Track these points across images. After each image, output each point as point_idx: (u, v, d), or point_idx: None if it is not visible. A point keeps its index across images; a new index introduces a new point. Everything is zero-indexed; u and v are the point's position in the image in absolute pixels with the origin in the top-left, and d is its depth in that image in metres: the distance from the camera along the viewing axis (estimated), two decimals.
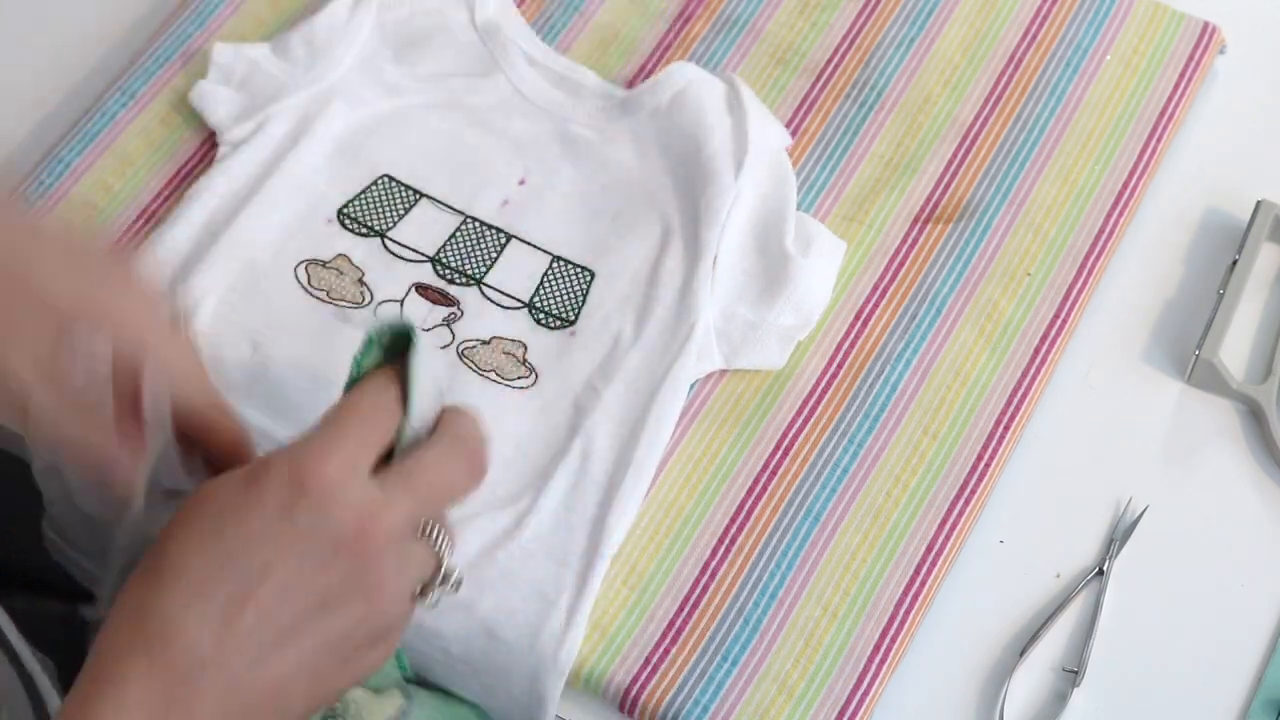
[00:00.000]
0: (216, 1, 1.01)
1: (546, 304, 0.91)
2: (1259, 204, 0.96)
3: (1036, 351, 0.92)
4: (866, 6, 1.02)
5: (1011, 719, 0.84)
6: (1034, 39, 1.01)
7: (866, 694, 0.83)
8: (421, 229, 0.93)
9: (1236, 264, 0.94)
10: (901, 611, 0.85)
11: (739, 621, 0.84)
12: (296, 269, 0.92)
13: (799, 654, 0.84)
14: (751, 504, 0.87)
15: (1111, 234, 0.95)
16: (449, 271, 0.92)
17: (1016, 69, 1.00)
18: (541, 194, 0.94)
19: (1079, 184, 0.97)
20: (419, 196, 0.94)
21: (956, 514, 0.87)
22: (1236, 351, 0.93)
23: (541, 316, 0.91)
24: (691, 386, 0.90)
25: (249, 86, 0.96)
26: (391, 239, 0.93)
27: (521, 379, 0.89)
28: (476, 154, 0.95)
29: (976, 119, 0.99)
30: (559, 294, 0.91)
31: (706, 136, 0.93)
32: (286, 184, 0.93)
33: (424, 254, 0.92)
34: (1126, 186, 0.97)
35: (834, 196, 0.96)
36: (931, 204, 0.96)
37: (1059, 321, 0.93)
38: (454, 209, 0.94)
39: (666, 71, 0.96)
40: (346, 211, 0.93)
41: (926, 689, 0.85)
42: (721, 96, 0.95)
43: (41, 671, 0.87)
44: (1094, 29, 1.01)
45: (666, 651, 0.83)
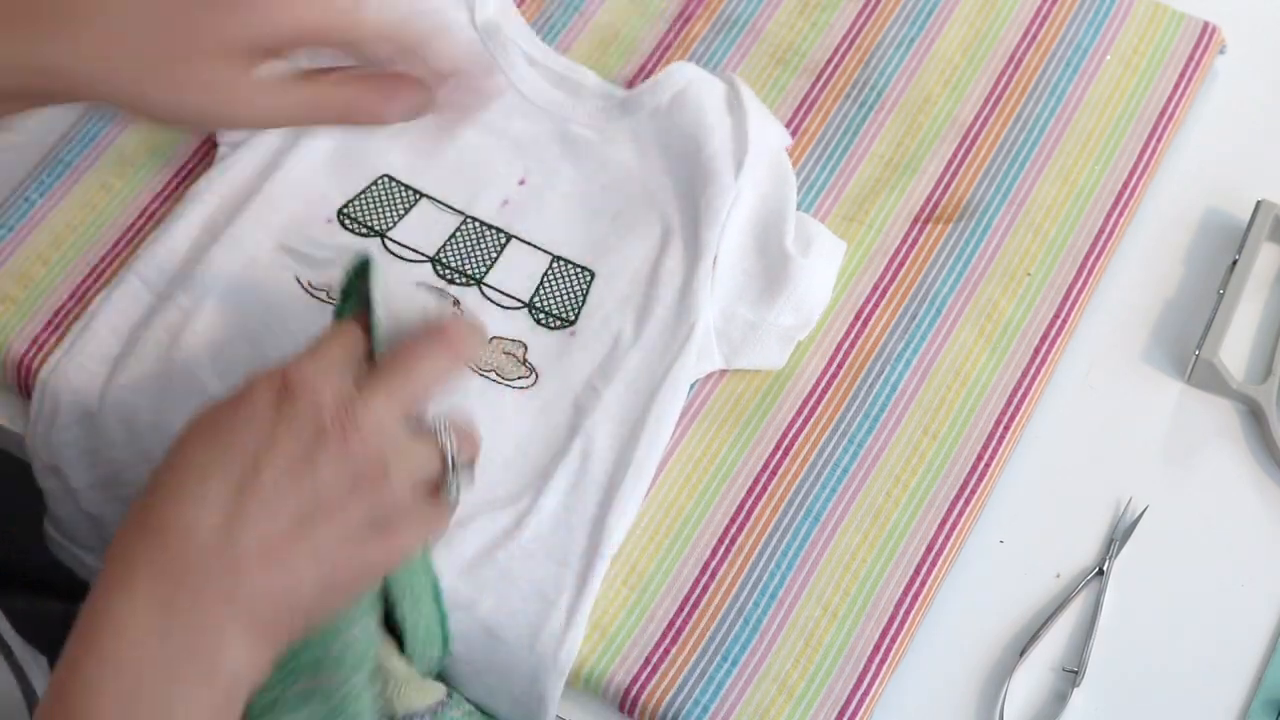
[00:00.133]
0: None
1: (546, 304, 0.91)
2: (1259, 204, 0.96)
3: (1036, 351, 0.92)
4: (866, 6, 1.02)
5: (1011, 719, 0.84)
6: (1034, 39, 1.01)
7: (866, 694, 0.83)
8: (421, 229, 0.93)
9: (1236, 264, 0.94)
10: (901, 611, 0.85)
11: (739, 621, 0.84)
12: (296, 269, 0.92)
13: (799, 654, 0.84)
14: (751, 504, 0.87)
15: (1111, 234, 0.95)
16: (449, 271, 0.92)
17: (1016, 69, 1.00)
18: (541, 194, 0.94)
19: (1079, 184, 0.97)
20: (419, 196, 0.94)
21: (956, 514, 0.87)
22: (1236, 351, 0.93)
23: (541, 316, 0.91)
24: (691, 386, 0.89)
25: None
26: (391, 239, 0.93)
27: (521, 379, 0.89)
28: (476, 154, 0.95)
29: (976, 119, 0.99)
30: (559, 294, 0.91)
31: (706, 136, 0.93)
32: (286, 184, 0.93)
33: (424, 254, 0.92)
34: (1126, 186, 0.97)
35: (834, 196, 0.96)
36: (931, 204, 0.96)
37: (1059, 321, 0.93)
38: (454, 209, 0.94)
39: (666, 71, 0.96)
40: (346, 211, 0.93)
41: (926, 689, 0.85)
42: (721, 96, 0.95)
43: (34, 663, 0.88)
44: (1094, 29, 1.01)
45: (666, 651, 0.83)
